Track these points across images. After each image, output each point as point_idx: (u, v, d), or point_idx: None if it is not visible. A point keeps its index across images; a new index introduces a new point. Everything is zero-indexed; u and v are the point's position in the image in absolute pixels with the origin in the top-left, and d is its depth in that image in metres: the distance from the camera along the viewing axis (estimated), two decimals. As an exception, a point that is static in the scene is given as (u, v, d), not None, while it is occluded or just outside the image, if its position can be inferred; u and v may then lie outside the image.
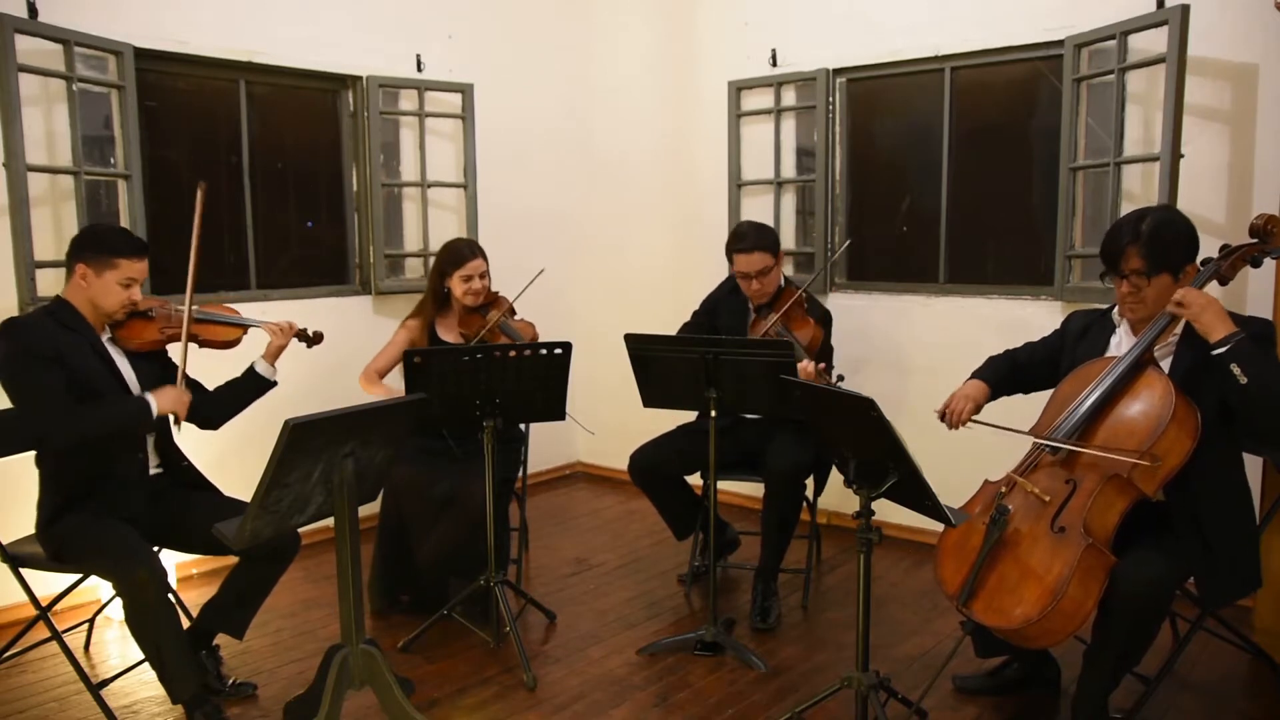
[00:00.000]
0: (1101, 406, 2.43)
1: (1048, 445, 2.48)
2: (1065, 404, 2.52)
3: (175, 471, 2.88)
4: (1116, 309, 2.60)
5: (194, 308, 2.87)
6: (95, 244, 2.68)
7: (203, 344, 2.94)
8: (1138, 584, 2.25)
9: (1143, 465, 2.30)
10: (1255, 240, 2.47)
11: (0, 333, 2.58)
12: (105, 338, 2.75)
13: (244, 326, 3.01)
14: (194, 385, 2.92)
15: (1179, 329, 2.44)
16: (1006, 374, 2.82)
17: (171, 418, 2.79)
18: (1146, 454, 2.30)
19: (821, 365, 3.14)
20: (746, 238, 3.44)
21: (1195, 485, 2.37)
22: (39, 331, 2.58)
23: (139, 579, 2.49)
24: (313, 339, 3.17)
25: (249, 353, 3.04)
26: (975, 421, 2.69)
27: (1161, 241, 2.40)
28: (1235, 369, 2.23)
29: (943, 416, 2.76)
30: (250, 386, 3.00)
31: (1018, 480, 2.52)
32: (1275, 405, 2.23)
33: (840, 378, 3.16)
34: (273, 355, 3.03)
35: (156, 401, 2.70)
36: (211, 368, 3.02)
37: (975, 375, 2.84)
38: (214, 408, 2.96)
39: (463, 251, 3.57)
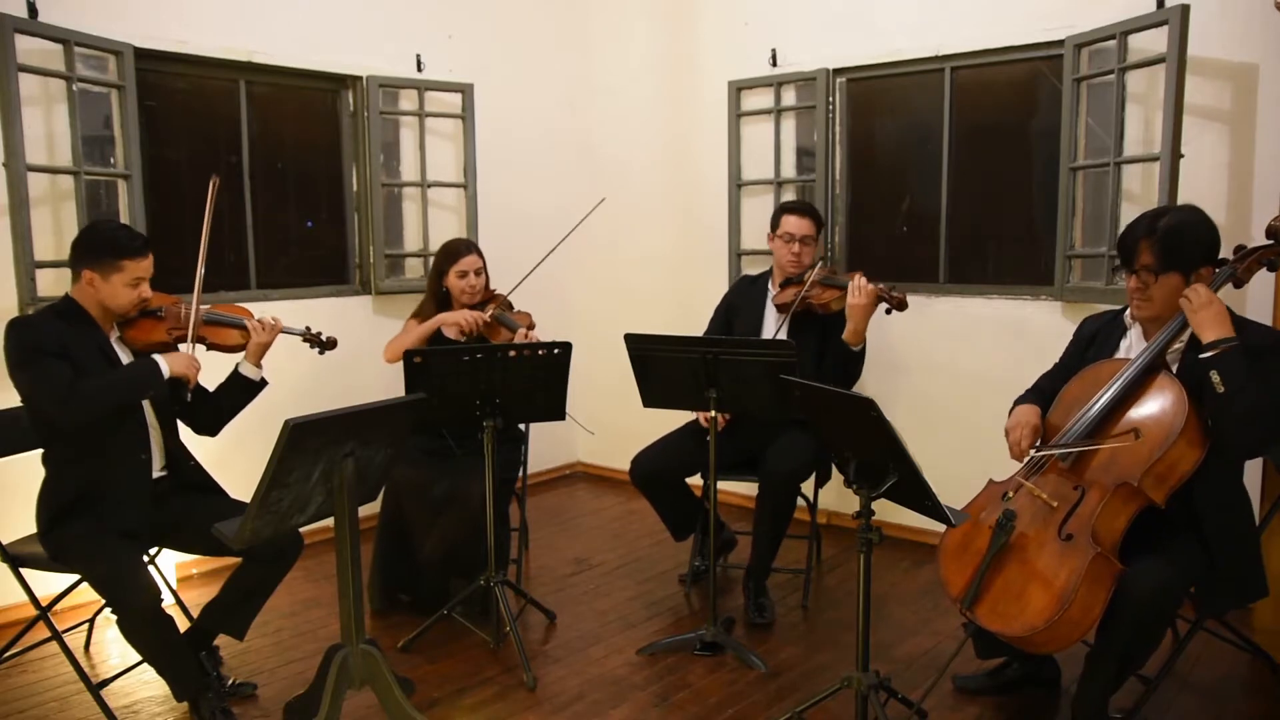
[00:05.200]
0: (1112, 410, 2.40)
1: (1055, 453, 2.45)
2: (1074, 406, 2.49)
3: (181, 472, 2.85)
4: (1129, 311, 2.58)
5: (204, 308, 2.83)
6: (97, 247, 2.63)
7: (210, 347, 2.88)
8: (1145, 591, 2.24)
9: (1152, 473, 2.28)
10: (1272, 243, 2.43)
11: (7, 330, 2.57)
12: (114, 337, 2.74)
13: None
14: (197, 389, 2.89)
15: (1188, 334, 2.40)
16: (1044, 403, 2.70)
17: (186, 388, 2.75)
18: (1150, 467, 2.28)
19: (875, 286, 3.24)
20: (800, 204, 3.67)
21: (1194, 491, 2.35)
22: (45, 328, 2.57)
23: (129, 603, 2.48)
24: (325, 344, 3.10)
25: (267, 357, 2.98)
26: (1037, 449, 2.54)
27: (1175, 240, 2.37)
28: (1215, 376, 2.22)
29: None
30: (238, 389, 2.93)
31: (1024, 484, 2.49)
32: (1246, 421, 2.22)
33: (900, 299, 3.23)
34: (255, 355, 2.92)
35: (168, 364, 2.68)
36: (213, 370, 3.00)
37: (1020, 401, 2.72)
38: (211, 413, 2.93)
39: (458, 248, 3.64)
